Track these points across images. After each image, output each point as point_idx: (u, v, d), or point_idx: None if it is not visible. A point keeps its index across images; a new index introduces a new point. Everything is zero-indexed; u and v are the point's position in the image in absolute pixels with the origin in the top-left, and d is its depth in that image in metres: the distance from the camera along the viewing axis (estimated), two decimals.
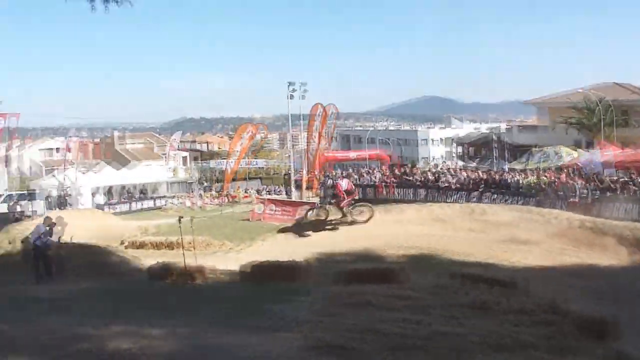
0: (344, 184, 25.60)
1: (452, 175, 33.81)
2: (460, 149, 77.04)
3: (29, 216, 34.52)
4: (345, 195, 24.72)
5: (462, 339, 7.82)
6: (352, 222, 24.39)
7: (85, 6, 9.66)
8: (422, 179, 34.44)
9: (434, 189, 32.72)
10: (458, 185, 32.16)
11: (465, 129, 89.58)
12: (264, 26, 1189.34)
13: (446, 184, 32.59)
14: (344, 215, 24.68)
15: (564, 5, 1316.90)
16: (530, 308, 9.65)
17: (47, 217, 20.64)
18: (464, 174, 33.88)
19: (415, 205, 25.94)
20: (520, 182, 30.01)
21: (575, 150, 40.15)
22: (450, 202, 29.29)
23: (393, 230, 21.96)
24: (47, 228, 18.64)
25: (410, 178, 35.05)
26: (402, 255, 19.15)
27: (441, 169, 38.90)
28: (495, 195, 30.35)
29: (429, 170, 36.87)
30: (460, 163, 60.52)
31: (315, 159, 33.90)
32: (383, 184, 35.02)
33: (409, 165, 46.73)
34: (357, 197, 26.17)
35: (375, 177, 36.76)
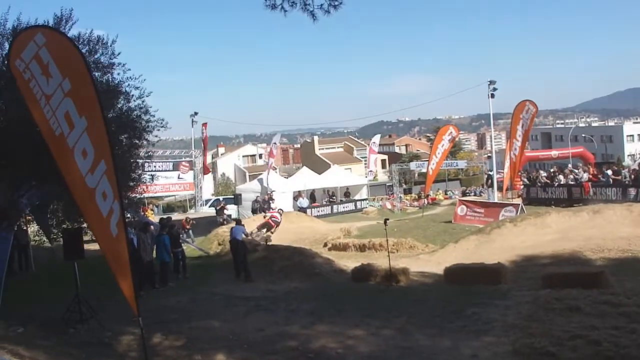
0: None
1: None
2: None
3: (235, 219, 36.29)
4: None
5: None
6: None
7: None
8: (633, 177, 32.34)
9: None
10: None
11: None
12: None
13: None
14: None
15: None
16: None
17: (238, 219, 22.00)
18: None
19: (625, 205, 24.31)
20: None
21: None
22: None
23: (601, 232, 20.71)
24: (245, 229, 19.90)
25: (619, 177, 33.06)
26: (611, 258, 18.10)
27: None
28: None
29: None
30: None
31: (519, 158, 32.75)
32: (590, 183, 33.36)
33: (616, 163, 44.09)
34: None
35: (582, 176, 35.07)
